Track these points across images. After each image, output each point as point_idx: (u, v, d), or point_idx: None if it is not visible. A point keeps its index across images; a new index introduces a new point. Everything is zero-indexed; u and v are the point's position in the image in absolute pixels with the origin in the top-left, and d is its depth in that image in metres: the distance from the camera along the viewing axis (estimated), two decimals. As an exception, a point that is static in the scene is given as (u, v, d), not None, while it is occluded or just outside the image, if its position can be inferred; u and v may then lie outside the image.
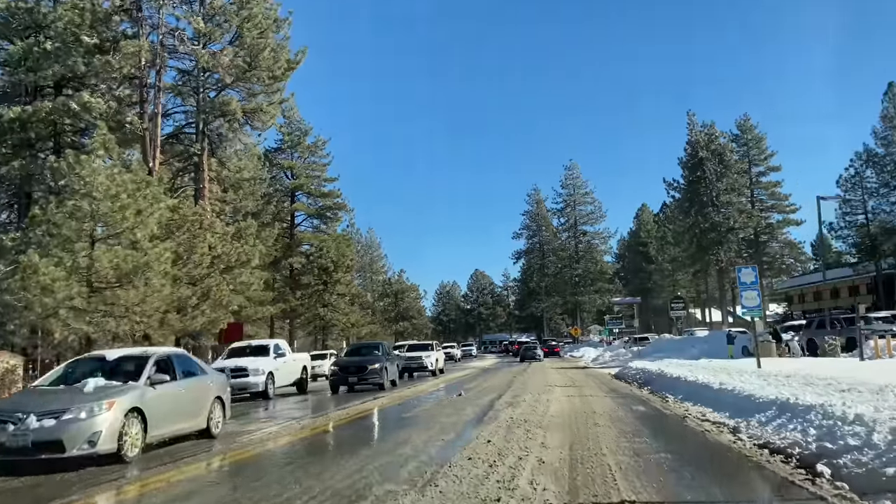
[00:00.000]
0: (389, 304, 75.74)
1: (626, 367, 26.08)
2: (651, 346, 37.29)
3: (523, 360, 47.62)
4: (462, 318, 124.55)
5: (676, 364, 23.17)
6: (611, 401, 15.11)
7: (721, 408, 11.30)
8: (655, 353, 34.85)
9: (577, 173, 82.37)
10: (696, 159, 63.12)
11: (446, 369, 35.05)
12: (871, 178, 59.20)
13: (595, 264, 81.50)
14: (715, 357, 31.79)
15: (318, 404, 17.63)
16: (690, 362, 25.06)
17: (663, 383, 17.69)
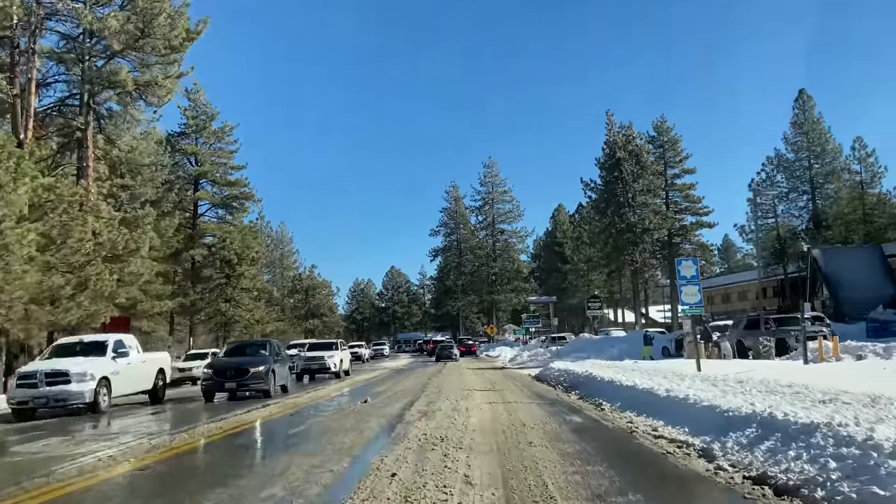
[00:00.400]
0: (299, 301, 72.31)
1: (548, 368, 24.33)
2: (569, 345, 35.92)
3: (439, 360, 45.69)
4: (377, 317, 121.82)
5: (602, 365, 21.53)
6: (539, 409, 13.08)
7: (675, 421, 9.38)
8: (574, 352, 33.48)
9: (495, 171, 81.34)
10: (614, 159, 62.80)
11: (355, 370, 32.52)
12: (782, 182, 60.41)
13: (512, 263, 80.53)
14: (634, 357, 30.67)
15: (178, 418, 14.13)
16: (614, 363, 23.55)
17: (593, 387, 15.85)
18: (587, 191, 68.09)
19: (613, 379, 15.42)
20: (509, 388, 18.71)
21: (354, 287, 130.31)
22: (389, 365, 40.94)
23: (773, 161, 59.94)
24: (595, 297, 48.68)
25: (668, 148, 65.83)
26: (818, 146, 58.00)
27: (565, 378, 19.81)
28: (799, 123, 58.85)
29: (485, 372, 28.74)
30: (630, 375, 15.75)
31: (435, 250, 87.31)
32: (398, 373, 30.77)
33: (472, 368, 32.28)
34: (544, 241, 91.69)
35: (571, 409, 13.13)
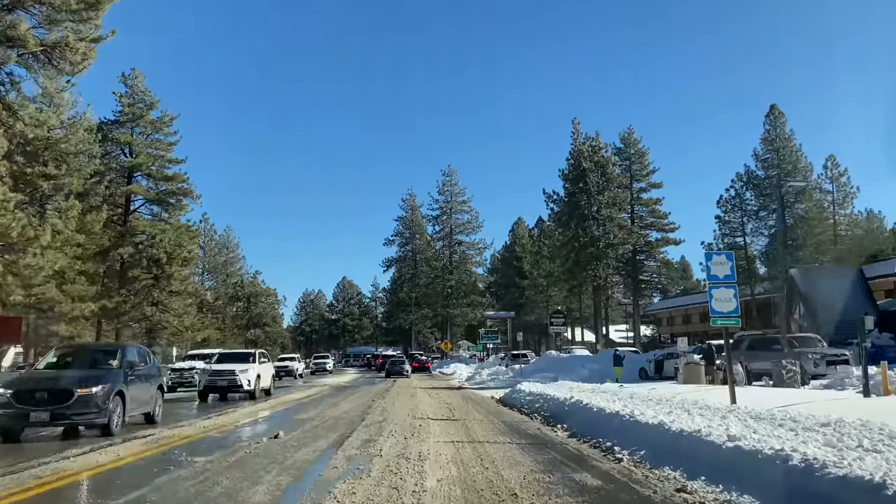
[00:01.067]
0: (241, 309, 66.97)
1: (515, 391, 20.21)
2: (533, 364, 31.91)
3: (389, 376, 41.39)
4: (326, 329, 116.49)
5: (584, 389, 17.51)
6: (524, 455, 8.89)
7: (769, 497, 5.34)
8: (539, 372, 29.54)
9: (454, 180, 77.48)
10: (579, 170, 59.49)
11: (285, 388, 27.84)
12: (751, 200, 57.94)
13: (469, 276, 76.58)
14: (607, 378, 26.85)
15: None
16: (596, 386, 19.58)
17: (587, 421, 11.75)
18: (550, 203, 64.62)
19: (616, 411, 11.34)
20: (473, 417, 14.50)
21: (304, 298, 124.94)
22: (331, 381, 36.12)
23: (743, 178, 57.44)
24: (558, 313, 44.96)
25: (634, 160, 62.99)
26: (789, 164, 55.63)
27: (542, 404, 15.70)
28: (770, 140, 56.52)
29: (440, 393, 24.47)
30: (633, 405, 11.73)
31: (389, 260, 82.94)
32: (338, 391, 26.21)
33: (426, 388, 27.95)
34: (502, 256, 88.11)
35: (571, 457, 8.96)
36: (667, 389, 16.60)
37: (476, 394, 23.86)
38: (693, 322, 75.25)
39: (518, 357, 40.84)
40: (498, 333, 52.21)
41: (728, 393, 12.12)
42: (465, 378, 35.14)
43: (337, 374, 48.78)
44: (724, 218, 58.06)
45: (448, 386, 29.68)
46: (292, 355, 46.54)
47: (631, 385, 20.64)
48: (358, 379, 39.80)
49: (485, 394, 23.65)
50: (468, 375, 36.47)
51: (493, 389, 25.64)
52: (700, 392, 14.62)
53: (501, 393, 21.99)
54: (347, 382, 34.26)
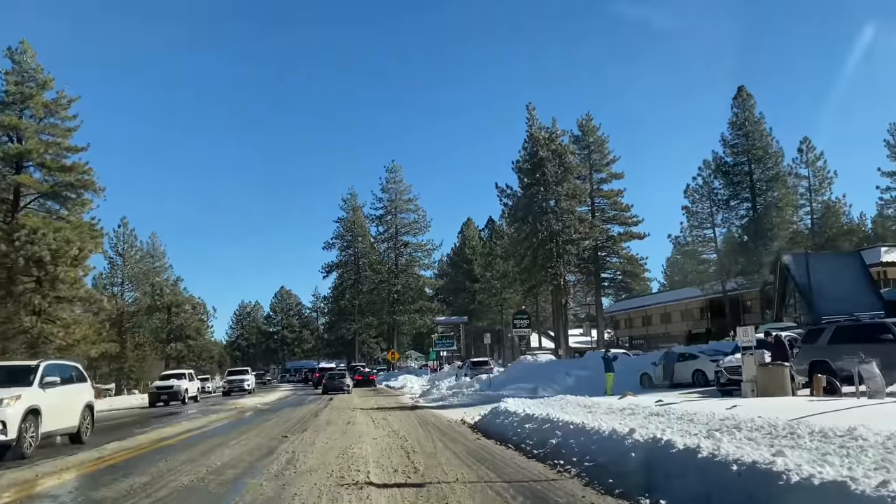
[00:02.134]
0: (161, 321, 58.48)
1: (498, 413, 13.60)
2: (505, 373, 25.26)
3: (326, 392, 34.35)
4: (263, 343, 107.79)
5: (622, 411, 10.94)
6: None
7: None
8: (514, 382, 22.99)
9: (399, 176, 70.58)
10: (536, 158, 53.46)
11: (174, 415, 20.47)
12: (720, 188, 52.95)
13: (416, 280, 69.70)
14: (596, 389, 20.56)
15: None
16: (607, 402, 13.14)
17: (673, 476, 5.05)
18: (503, 198, 58.21)
19: (754, 460, 4.68)
20: (452, 475, 7.67)
21: (240, 310, 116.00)
22: (249, 403, 28.03)
23: (711, 165, 52.34)
24: (522, 313, 38.66)
25: (594, 149, 57.50)
26: (759, 149, 50.72)
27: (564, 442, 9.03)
28: (738, 124, 51.56)
29: (388, 417, 17.59)
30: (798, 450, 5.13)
31: (329, 266, 75.36)
32: (244, 420, 18.86)
33: (369, 408, 21.03)
34: (451, 259, 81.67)
35: None
36: (753, 406, 10.11)
37: (439, 417, 17.05)
38: (654, 324, 70.21)
39: (479, 365, 34.26)
40: (453, 339, 45.67)
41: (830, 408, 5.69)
42: (418, 393, 28.22)
43: (263, 393, 40.91)
44: (692, 209, 52.84)
45: (398, 405, 22.76)
46: (180, 372, 36.07)
47: (644, 396, 14.23)
48: (286, 398, 32.28)
49: (450, 416, 16.92)
50: (422, 390, 29.60)
51: (459, 409, 18.96)
52: (839, 413, 8.20)
53: (475, 415, 15.33)
54: (269, 404, 26.68)
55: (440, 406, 20.68)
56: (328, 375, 36.39)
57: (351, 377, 36.96)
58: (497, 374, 25.36)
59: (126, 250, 67.12)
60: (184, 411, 24.03)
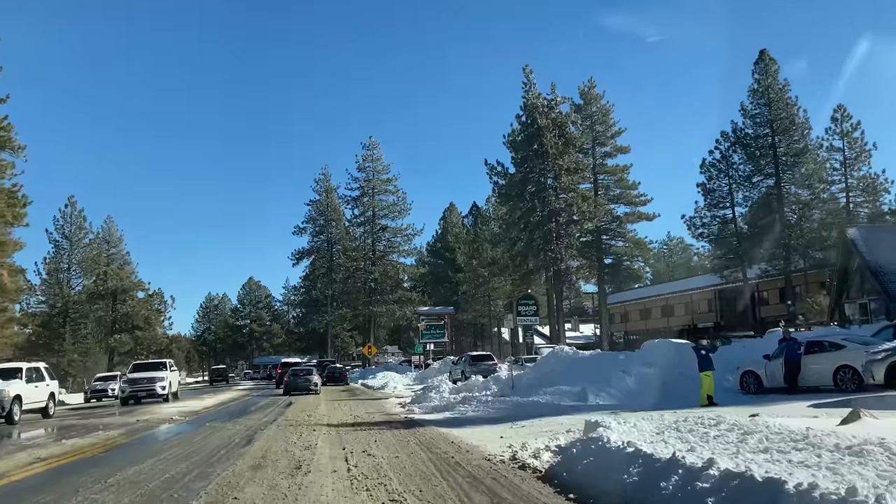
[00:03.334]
0: (104, 309, 50.13)
1: (604, 454, 6.10)
2: (532, 371, 17.69)
3: (288, 393, 26.79)
4: (230, 337, 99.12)
5: None
6: None
7: None
8: (551, 384, 15.73)
9: (377, 154, 62.85)
10: (534, 128, 46.30)
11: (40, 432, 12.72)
12: (740, 163, 46.27)
13: (395, 268, 62.07)
14: (674, 394, 13.43)
15: None
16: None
17: None
18: (493, 176, 50.91)
19: None
20: None
21: (206, 303, 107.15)
22: (160, 414, 18.21)
23: (729, 137, 45.65)
24: (528, 298, 31.28)
25: (597, 120, 50.46)
26: (784, 119, 44.07)
27: None
28: (760, 91, 44.87)
29: (373, 443, 10.20)
30: None
31: (299, 252, 67.29)
32: (132, 448, 11.29)
33: (341, 424, 13.50)
34: (432, 247, 74.28)
35: None
36: None
37: (460, 447, 9.48)
38: (653, 317, 63.38)
39: (480, 361, 26.83)
40: (444, 329, 38.30)
41: None
42: (408, 397, 20.59)
43: (207, 395, 32.21)
44: (708, 186, 46.08)
45: (386, 417, 15.16)
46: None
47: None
48: (228, 403, 23.80)
49: (479, 442, 9.56)
50: (413, 393, 22.03)
51: (484, 427, 11.64)
52: None
53: (531, 444, 7.94)
54: (194, 414, 17.57)
55: (450, 421, 13.20)
56: (291, 372, 28.67)
57: (320, 374, 29.22)
58: (523, 372, 17.86)
59: (73, 233, 58.55)
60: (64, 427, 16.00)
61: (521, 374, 17.34)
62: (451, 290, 67.51)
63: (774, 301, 49.88)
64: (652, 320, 63.14)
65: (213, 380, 49.94)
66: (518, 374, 17.23)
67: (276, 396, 26.47)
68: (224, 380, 49.39)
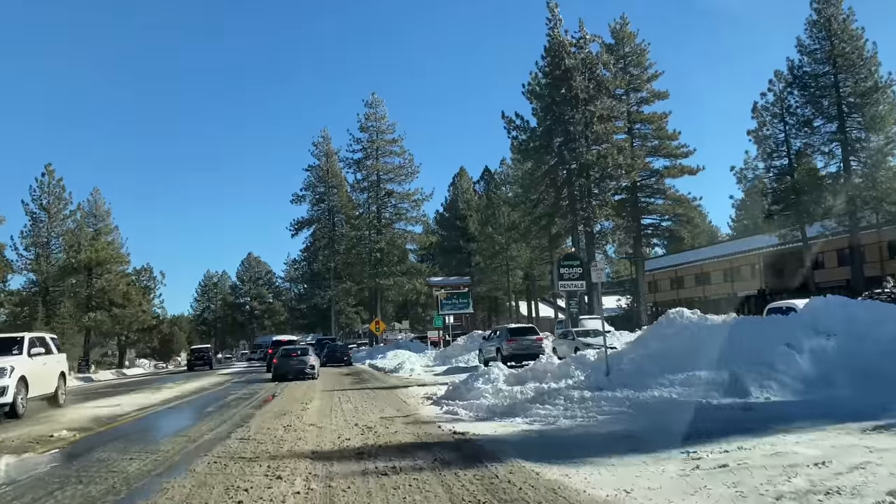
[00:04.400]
0: (79, 284, 43.99)
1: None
2: (637, 346, 11.31)
3: (278, 379, 20.69)
4: (229, 316, 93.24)
5: None
6: None
7: None
8: (676, 368, 9.10)
9: (381, 112, 56.14)
10: (561, 70, 39.71)
11: None
12: (797, 106, 39.73)
13: (402, 236, 55.73)
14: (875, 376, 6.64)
15: None
16: None
17: None
18: (512, 130, 43.95)
19: None
20: None
21: (205, 280, 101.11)
22: (53, 423, 11.37)
23: (785, 77, 39.01)
24: (572, 259, 25.03)
25: (630, 62, 43.78)
26: (850, 53, 37.42)
27: None
28: (820, 23, 38.18)
29: (402, 497, 3.80)
30: None
31: (299, 222, 60.97)
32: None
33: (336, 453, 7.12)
34: (441, 216, 67.82)
35: None
36: None
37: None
38: (686, 286, 57.17)
39: (521, 335, 20.61)
40: (468, 297, 32.12)
41: None
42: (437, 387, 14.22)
43: (170, 385, 24.89)
44: (761, 133, 39.55)
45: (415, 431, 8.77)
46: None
47: None
48: (181, 400, 16.57)
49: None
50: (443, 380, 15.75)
51: (634, 459, 5.20)
52: None
53: None
54: (85, 431, 10.32)
55: (541, 443, 6.97)
56: (281, 352, 22.46)
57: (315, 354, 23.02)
58: (622, 350, 11.58)
59: (52, 204, 52.20)
60: None
61: (618, 354, 11.06)
62: (462, 262, 61.30)
63: (831, 265, 43.62)
64: (685, 289, 56.92)
65: (193, 364, 42.16)
66: (617, 350, 11.00)
67: (262, 384, 20.35)
68: (206, 364, 41.58)
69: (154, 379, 29.35)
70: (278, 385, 19.09)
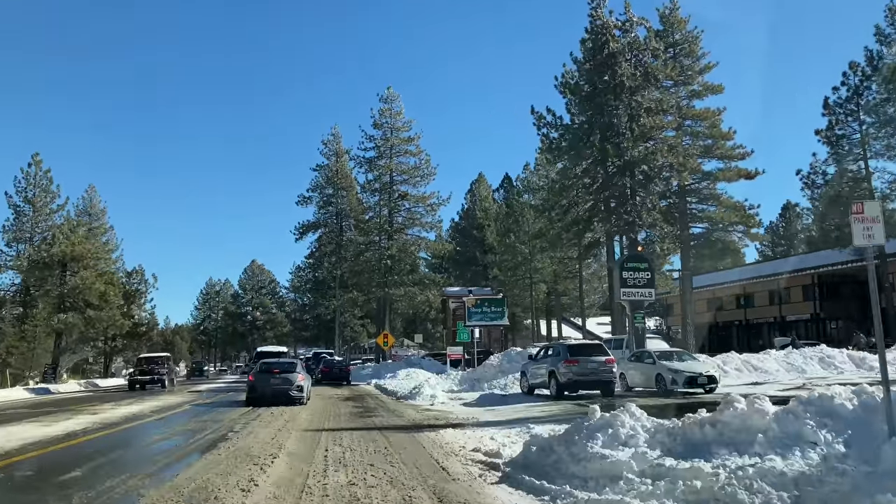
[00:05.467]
0: (52, 282, 38.41)
1: None
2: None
3: (253, 403, 14.86)
4: (229, 326, 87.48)
5: None
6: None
7: None
8: None
9: (396, 107, 50.69)
10: (604, 55, 34.11)
11: None
12: (876, 101, 34.12)
13: (416, 243, 50.06)
14: None
15: None
16: None
17: None
18: (542, 127, 38.13)
19: None
20: None
21: (207, 289, 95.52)
22: None
23: (862, 69, 33.44)
24: (638, 259, 19.50)
25: (681, 50, 38.24)
26: (940, 42, 31.84)
27: None
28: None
29: None
30: None
31: (303, 225, 55.27)
32: None
33: None
34: (457, 225, 62.28)
35: None
36: None
37: None
38: (725, 308, 51.11)
39: (584, 354, 14.78)
40: (502, 306, 26.25)
41: None
42: (491, 437, 8.39)
43: (107, 406, 19.01)
44: (832, 133, 33.91)
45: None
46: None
47: None
48: (62, 439, 11.47)
49: None
50: (493, 422, 9.85)
51: None
52: None
53: None
54: None
55: None
56: (259, 367, 16.67)
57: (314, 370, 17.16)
58: None
59: (38, 196, 46.97)
60: None
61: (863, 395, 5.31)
62: (478, 275, 55.60)
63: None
64: (723, 312, 50.89)
65: (136, 381, 32.60)
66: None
67: (228, 410, 14.65)
68: (156, 381, 33.51)
69: (107, 396, 23.57)
70: (248, 414, 13.38)
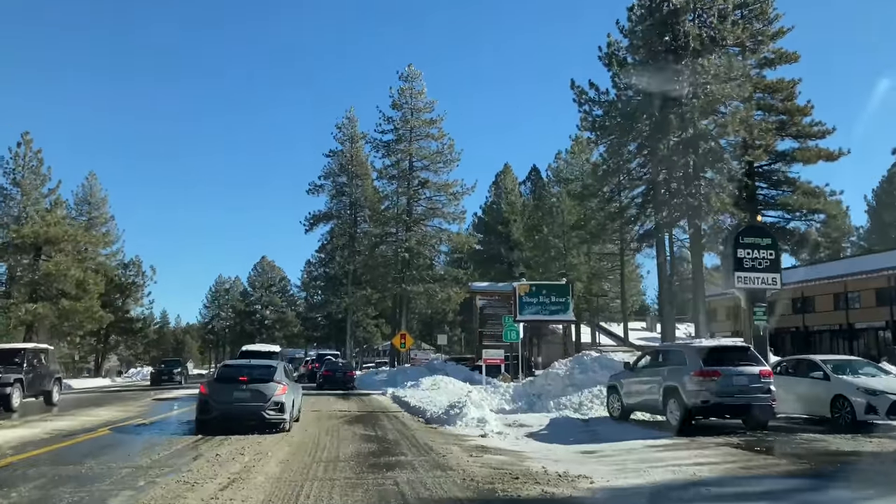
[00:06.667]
0: (25, 268, 33.16)
1: None
2: None
3: (203, 429, 9.16)
4: (238, 325, 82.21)
5: None
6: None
7: None
8: None
9: (418, 87, 45.28)
10: (664, 12, 28.40)
11: None
12: None
13: (436, 235, 44.49)
14: None
15: None
16: None
17: None
18: (584, 103, 32.30)
19: None
20: None
21: (217, 286, 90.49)
22: None
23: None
24: (759, 232, 13.71)
25: (750, 12, 32.39)
26: None
27: None
28: None
29: None
30: None
31: (314, 216, 49.87)
32: None
33: None
34: (481, 219, 56.68)
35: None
36: None
37: None
38: (781, 313, 44.65)
39: (730, 362, 9.03)
40: (567, 295, 20.61)
41: None
42: None
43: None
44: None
45: None
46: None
47: None
48: None
49: None
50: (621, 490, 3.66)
51: None
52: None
53: None
54: None
55: None
56: (219, 374, 11.10)
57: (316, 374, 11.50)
58: None
59: (27, 178, 41.98)
60: None
61: None
62: (503, 273, 49.75)
63: None
64: (780, 317, 44.56)
65: (158, 379, 32.66)
66: None
67: (157, 442, 9.12)
68: (170, 379, 31.26)
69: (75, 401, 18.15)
70: (181, 453, 7.84)
